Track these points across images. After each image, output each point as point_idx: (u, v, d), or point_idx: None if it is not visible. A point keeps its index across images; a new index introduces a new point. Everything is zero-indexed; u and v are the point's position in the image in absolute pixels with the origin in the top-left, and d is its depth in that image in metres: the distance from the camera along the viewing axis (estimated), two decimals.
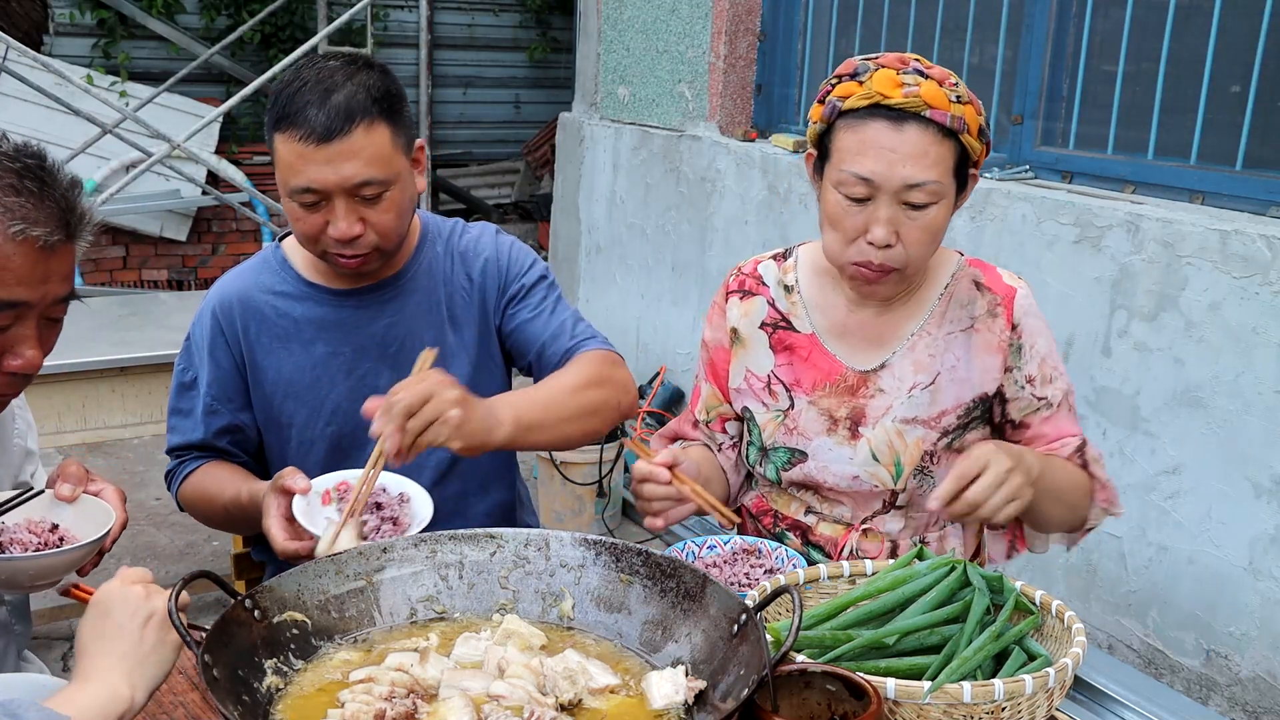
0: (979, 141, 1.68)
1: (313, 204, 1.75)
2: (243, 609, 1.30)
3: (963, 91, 1.66)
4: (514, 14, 8.67)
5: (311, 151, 1.70)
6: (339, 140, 1.70)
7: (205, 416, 1.93)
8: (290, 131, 1.71)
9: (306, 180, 1.72)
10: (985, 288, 1.80)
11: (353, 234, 1.75)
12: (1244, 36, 3.07)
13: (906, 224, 1.65)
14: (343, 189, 1.72)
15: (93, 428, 4.80)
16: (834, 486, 1.84)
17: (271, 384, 1.92)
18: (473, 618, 1.45)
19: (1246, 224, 2.92)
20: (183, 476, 1.95)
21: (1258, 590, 2.89)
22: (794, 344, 1.86)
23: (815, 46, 4.57)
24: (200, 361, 1.95)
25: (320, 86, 1.72)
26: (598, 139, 5.41)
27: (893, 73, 1.63)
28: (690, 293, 4.89)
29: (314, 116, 1.69)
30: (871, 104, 1.63)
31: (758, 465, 1.91)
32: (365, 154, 1.72)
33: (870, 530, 1.84)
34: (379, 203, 1.76)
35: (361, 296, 1.92)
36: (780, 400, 1.86)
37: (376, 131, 1.73)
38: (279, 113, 1.73)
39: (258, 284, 1.94)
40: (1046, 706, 1.30)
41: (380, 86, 1.76)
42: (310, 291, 1.92)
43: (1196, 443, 2.99)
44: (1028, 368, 1.78)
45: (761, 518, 1.95)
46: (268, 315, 1.92)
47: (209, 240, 7.16)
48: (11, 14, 6.74)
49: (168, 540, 4.14)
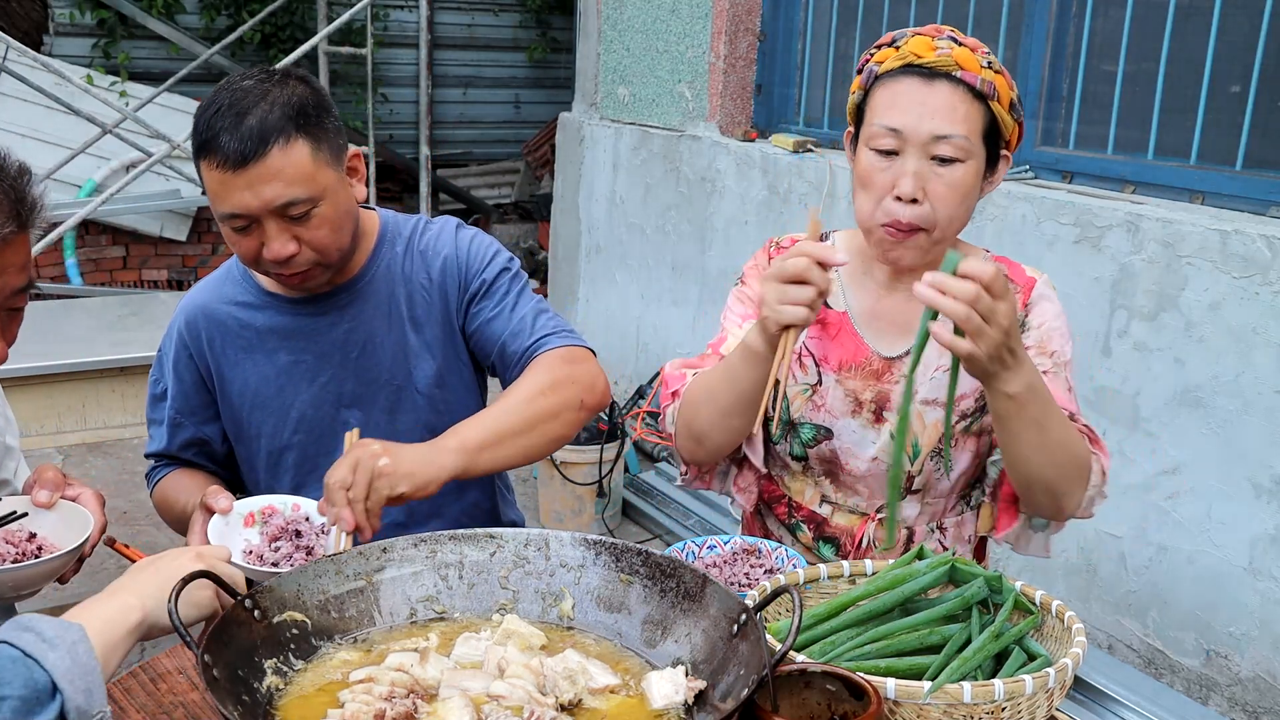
0: (1010, 117, 1.69)
1: (243, 228, 1.72)
2: (243, 609, 1.30)
3: (995, 62, 1.68)
4: (514, 14, 8.68)
5: (230, 178, 1.67)
6: (255, 164, 1.66)
7: (170, 429, 1.98)
8: (209, 159, 1.68)
9: (231, 206, 1.69)
10: (1008, 279, 1.79)
11: (286, 253, 1.73)
12: (1244, 36, 3.07)
13: (933, 180, 1.65)
14: (268, 210, 1.69)
15: (93, 428, 4.81)
16: (853, 470, 1.84)
17: (239, 395, 1.94)
18: (473, 618, 1.45)
19: (1246, 224, 2.92)
20: (154, 483, 1.99)
21: (1258, 590, 2.89)
22: (826, 319, 1.86)
23: (815, 46, 4.57)
24: (170, 374, 1.98)
25: (233, 111, 1.67)
26: (598, 139, 5.41)
27: (928, 39, 1.68)
28: (690, 293, 4.89)
29: (227, 143, 1.66)
30: (905, 64, 1.67)
31: (781, 441, 1.90)
32: (285, 174, 1.68)
33: (886, 519, 1.84)
34: (309, 220, 1.73)
35: (319, 304, 1.91)
36: (809, 374, 1.86)
37: (294, 149, 1.69)
38: (198, 140, 1.70)
39: (220, 296, 1.95)
40: (1046, 706, 1.30)
41: (295, 102, 1.71)
42: (270, 301, 1.92)
43: (1196, 443, 2.99)
44: (1027, 338, 1.77)
45: (775, 506, 1.94)
46: (231, 327, 1.93)
47: (209, 240, 7.16)
48: (11, 14, 6.74)
49: (168, 540, 4.13)
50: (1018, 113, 1.71)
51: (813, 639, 1.42)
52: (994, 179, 1.75)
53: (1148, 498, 3.11)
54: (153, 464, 2.02)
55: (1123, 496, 3.17)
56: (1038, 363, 1.74)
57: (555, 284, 5.83)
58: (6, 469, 1.78)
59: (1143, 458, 3.12)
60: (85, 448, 4.79)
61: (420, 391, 1.94)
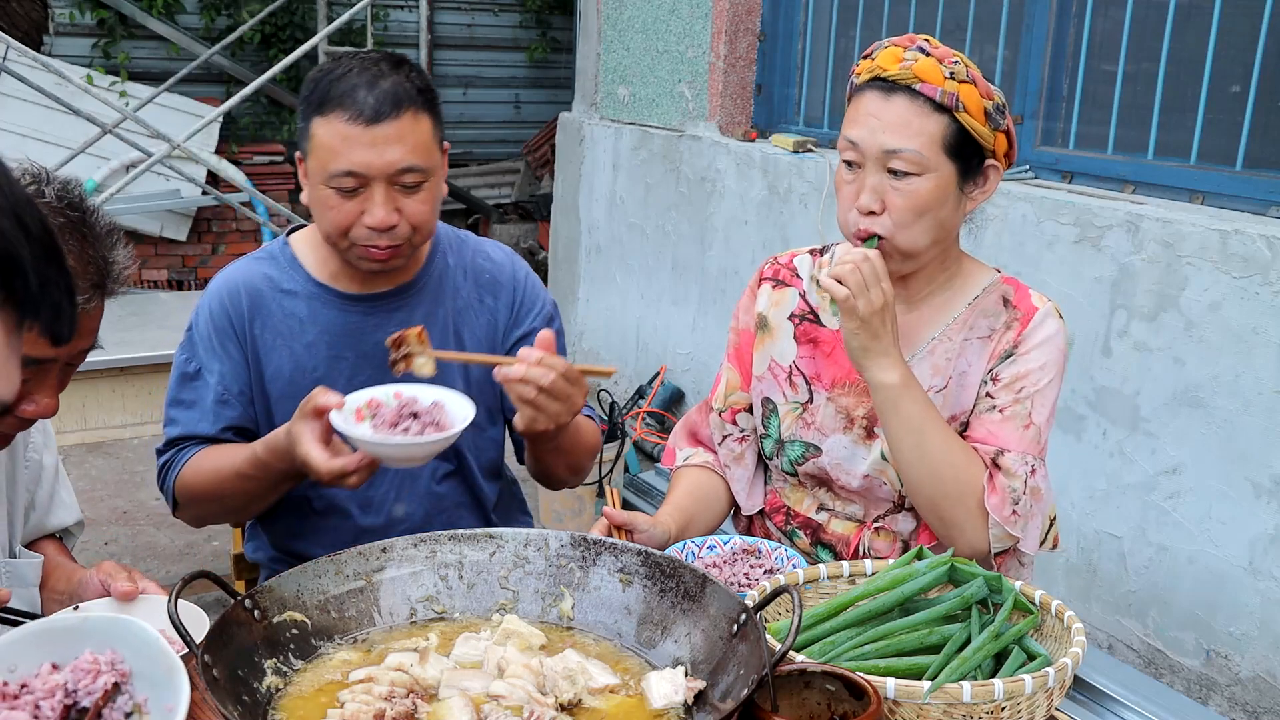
0: (986, 126, 1.67)
1: (351, 190, 1.72)
2: (242, 609, 1.30)
3: (962, 71, 1.67)
4: (514, 14, 8.67)
5: (358, 133, 1.68)
6: (387, 122, 1.69)
7: (216, 406, 1.87)
8: (336, 113, 1.69)
9: (349, 163, 1.69)
10: (1012, 304, 1.78)
11: (390, 223, 1.73)
12: (1244, 36, 3.07)
13: (890, 193, 1.68)
14: (385, 174, 1.70)
15: (93, 428, 4.81)
16: (845, 485, 1.84)
17: (270, 382, 1.88)
18: (472, 618, 1.45)
19: (1246, 224, 2.92)
20: (181, 464, 1.86)
21: (1258, 590, 2.89)
22: (819, 338, 1.87)
23: (815, 46, 4.57)
24: (208, 352, 1.88)
25: (367, 73, 1.71)
26: (598, 139, 5.41)
27: (898, 50, 1.69)
28: (690, 293, 4.89)
29: (363, 98, 1.68)
30: (872, 77, 1.69)
31: (774, 457, 1.91)
32: (410, 140, 1.71)
33: (882, 529, 1.84)
34: (417, 192, 1.75)
35: (370, 303, 1.88)
36: (800, 393, 1.87)
37: (421, 121, 1.73)
38: (321, 96, 1.71)
39: (264, 278, 1.89)
40: (1046, 706, 1.30)
41: (423, 81, 1.77)
42: (318, 292, 1.89)
43: (1196, 443, 2.99)
44: (1003, 372, 1.74)
45: (773, 515, 1.95)
46: (273, 311, 1.88)
47: (209, 240, 7.15)
48: (11, 14, 6.74)
49: (168, 540, 4.14)
50: (997, 121, 1.69)
51: (813, 639, 1.42)
52: (984, 188, 1.73)
53: (1148, 498, 3.11)
54: (173, 450, 1.88)
55: (1123, 496, 3.17)
56: (997, 398, 1.73)
57: (555, 284, 5.83)
58: (41, 494, 1.70)
59: (1143, 458, 3.12)
60: (85, 448, 4.79)
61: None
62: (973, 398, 1.77)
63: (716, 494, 1.96)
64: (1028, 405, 1.72)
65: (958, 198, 1.71)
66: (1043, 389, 1.73)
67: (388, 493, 1.93)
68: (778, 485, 1.96)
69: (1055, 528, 1.88)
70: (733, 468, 1.96)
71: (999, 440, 1.71)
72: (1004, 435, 1.71)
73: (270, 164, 7.39)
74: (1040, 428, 1.73)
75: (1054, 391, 1.75)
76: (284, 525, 1.97)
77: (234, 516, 2.04)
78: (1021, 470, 1.69)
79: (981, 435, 1.73)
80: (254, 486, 1.80)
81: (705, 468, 1.99)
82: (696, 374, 4.89)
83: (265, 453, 1.73)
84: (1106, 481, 3.21)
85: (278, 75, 5.72)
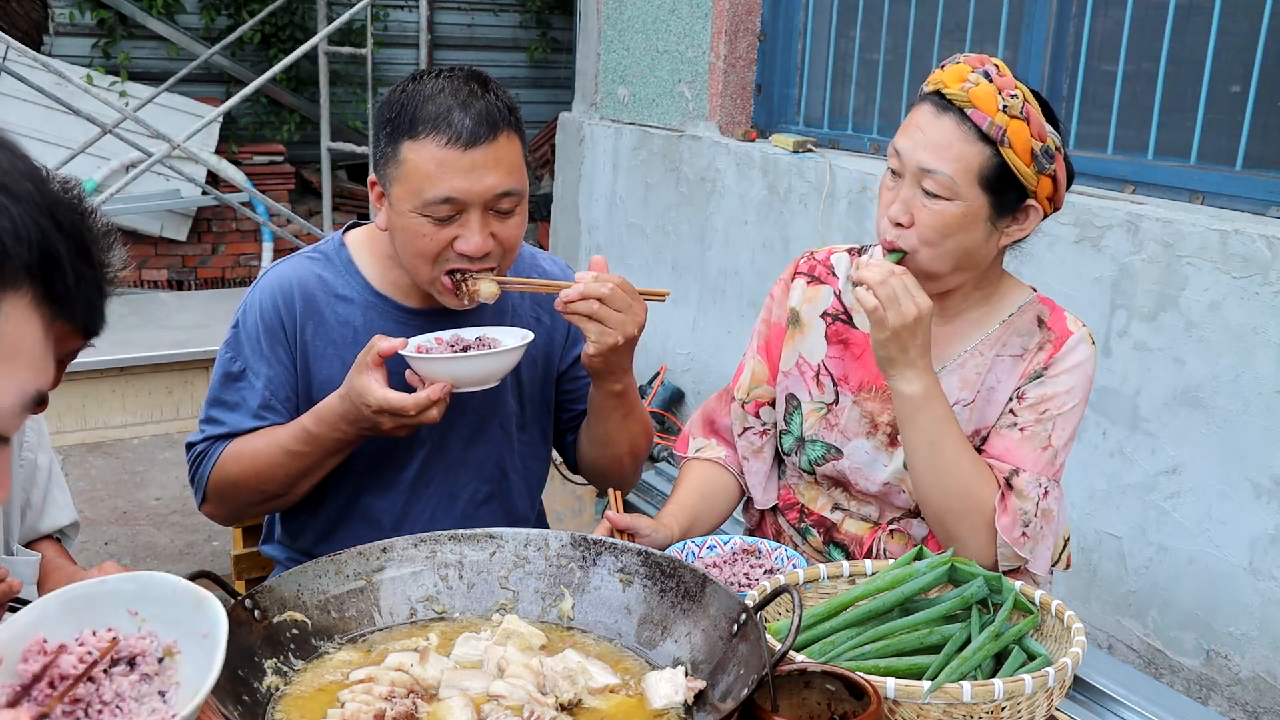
0: (1030, 167, 1.64)
1: (447, 217, 1.65)
2: (242, 609, 1.30)
3: (1017, 106, 1.63)
4: (514, 14, 8.67)
5: (456, 157, 1.61)
6: (484, 145, 1.62)
7: (261, 411, 1.79)
8: (431, 137, 1.62)
9: (448, 190, 1.62)
10: (1046, 325, 1.77)
11: (486, 249, 1.67)
12: (1244, 36, 3.07)
13: (920, 209, 1.67)
14: (483, 199, 1.64)
15: (93, 428, 4.81)
16: (863, 489, 1.84)
17: (318, 390, 1.79)
18: (473, 618, 1.45)
19: (1246, 224, 2.92)
20: (218, 452, 1.79)
21: (1258, 590, 2.89)
22: (850, 339, 1.86)
23: (815, 46, 4.57)
24: (255, 354, 1.80)
25: (458, 94, 1.64)
26: (598, 139, 5.41)
27: (966, 68, 1.67)
28: (690, 293, 4.89)
29: (459, 120, 1.61)
30: (933, 90, 1.68)
31: (792, 454, 1.90)
32: (505, 163, 1.65)
33: (898, 531, 1.84)
34: (512, 216, 1.69)
35: (428, 318, 1.81)
36: (826, 393, 1.86)
37: (514, 142, 1.67)
38: (412, 118, 1.64)
39: (319, 282, 1.81)
40: (1046, 706, 1.30)
41: (510, 100, 1.69)
42: (375, 301, 1.81)
43: (1196, 443, 2.99)
44: (1030, 392, 1.74)
45: (787, 512, 1.94)
46: (327, 318, 1.80)
47: (209, 240, 7.15)
48: (11, 14, 6.74)
49: (168, 540, 4.14)
50: (1042, 164, 1.65)
51: (813, 639, 1.42)
52: (1022, 226, 1.71)
53: (1148, 498, 3.11)
54: (209, 441, 1.81)
55: (1123, 496, 3.17)
56: (1019, 417, 1.73)
57: None
58: (35, 493, 1.68)
59: (1143, 458, 3.12)
60: (85, 448, 4.79)
61: (502, 428, 1.89)
62: (999, 414, 1.77)
63: (724, 492, 1.96)
64: (1049, 427, 1.72)
65: (989, 230, 1.69)
66: (1066, 413, 1.73)
67: (424, 509, 1.87)
68: (792, 481, 1.95)
69: (1069, 549, 1.88)
70: (751, 460, 1.95)
71: (1015, 459, 1.71)
72: (1021, 454, 1.71)
73: (270, 164, 7.39)
74: (1058, 450, 1.73)
75: (1076, 417, 1.75)
76: (318, 527, 1.90)
77: (271, 504, 1.86)
78: (1034, 492, 1.69)
79: (998, 451, 1.73)
80: (302, 464, 1.73)
81: (715, 463, 1.97)
82: (696, 374, 4.90)
83: (315, 424, 1.69)
84: (1106, 481, 3.21)
85: (278, 75, 5.72)
